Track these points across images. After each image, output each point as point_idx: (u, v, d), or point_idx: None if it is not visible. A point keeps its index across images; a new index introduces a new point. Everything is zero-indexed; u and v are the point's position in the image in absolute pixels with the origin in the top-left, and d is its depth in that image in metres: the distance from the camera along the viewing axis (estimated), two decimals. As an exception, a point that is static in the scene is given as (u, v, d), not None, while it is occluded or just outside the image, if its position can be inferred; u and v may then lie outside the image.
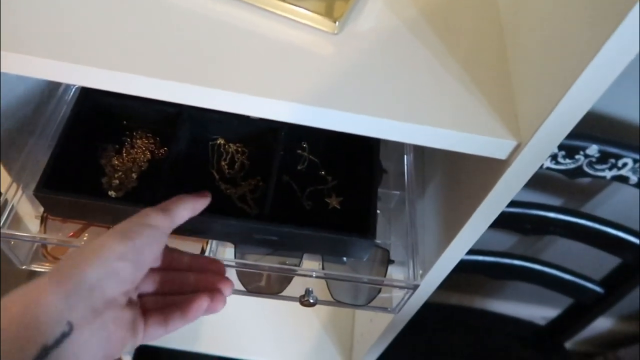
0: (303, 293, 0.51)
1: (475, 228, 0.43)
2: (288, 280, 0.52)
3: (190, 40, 0.36)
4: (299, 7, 0.38)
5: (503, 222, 0.81)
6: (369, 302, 0.52)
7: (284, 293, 0.52)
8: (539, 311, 1.17)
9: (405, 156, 0.57)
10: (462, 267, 0.87)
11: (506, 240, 1.05)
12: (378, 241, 0.52)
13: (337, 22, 0.38)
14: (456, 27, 0.42)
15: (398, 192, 0.55)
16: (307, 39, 0.39)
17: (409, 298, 0.49)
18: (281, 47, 0.38)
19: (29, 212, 0.50)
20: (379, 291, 0.52)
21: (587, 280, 0.88)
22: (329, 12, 0.39)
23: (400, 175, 0.57)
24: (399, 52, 0.39)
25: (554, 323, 1.02)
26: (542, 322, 1.05)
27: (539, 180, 0.92)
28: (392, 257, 0.51)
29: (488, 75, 0.38)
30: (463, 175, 0.46)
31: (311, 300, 0.51)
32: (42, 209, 0.48)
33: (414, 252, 0.50)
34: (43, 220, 0.49)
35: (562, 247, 1.01)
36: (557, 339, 1.00)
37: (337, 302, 0.53)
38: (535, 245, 1.05)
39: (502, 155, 0.36)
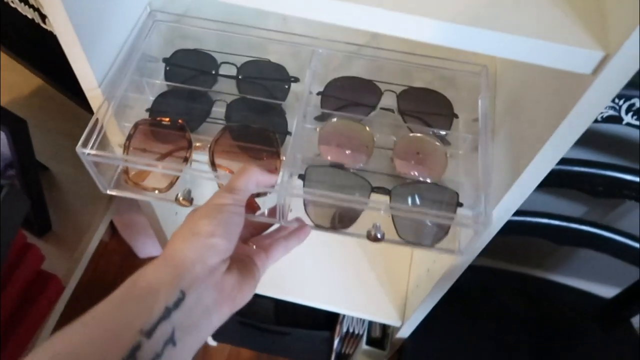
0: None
1: (553, 152, 0.42)
2: (355, 218, 0.52)
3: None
4: None
5: (574, 181, 0.78)
6: (436, 243, 0.52)
7: (350, 230, 0.52)
8: (604, 290, 1.12)
9: (480, 101, 0.55)
10: (530, 230, 0.86)
11: (578, 208, 1.01)
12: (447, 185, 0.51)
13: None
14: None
15: (470, 135, 0.55)
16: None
17: (477, 238, 0.48)
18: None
19: (115, 141, 0.54)
20: (446, 233, 0.51)
21: (660, 250, 0.84)
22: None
23: (470, 122, 0.56)
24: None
25: (620, 297, 0.97)
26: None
27: (617, 143, 0.88)
28: (461, 200, 0.50)
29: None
30: (539, 101, 0.45)
31: (378, 235, 0.50)
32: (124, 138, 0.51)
33: (486, 191, 0.48)
34: (126, 148, 0.51)
35: (635, 217, 0.96)
36: (623, 314, 0.96)
37: (404, 241, 0.52)
38: (608, 215, 1.01)
39: (587, 69, 0.35)
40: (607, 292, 1.02)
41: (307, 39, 0.58)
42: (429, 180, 0.52)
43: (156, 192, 0.52)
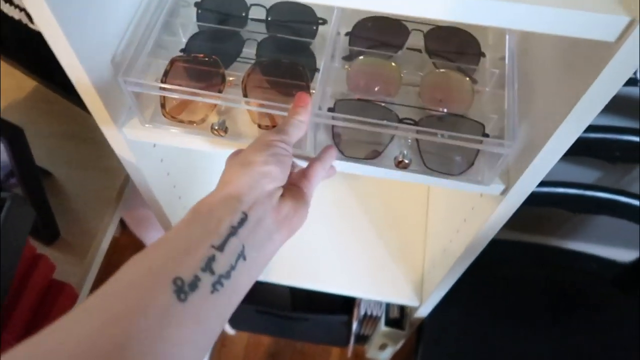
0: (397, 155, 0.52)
1: (574, 125, 0.41)
2: (382, 147, 0.54)
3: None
4: None
5: (590, 149, 0.76)
6: (461, 172, 0.52)
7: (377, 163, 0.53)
8: (620, 254, 1.11)
9: (507, 35, 0.55)
10: (546, 200, 0.84)
11: (589, 175, 0.99)
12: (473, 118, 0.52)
13: None
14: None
15: (497, 71, 0.55)
16: None
17: (504, 162, 0.48)
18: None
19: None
20: (472, 164, 0.52)
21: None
22: None
23: (497, 60, 0.55)
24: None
25: (639, 261, 0.96)
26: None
27: (630, 106, 0.85)
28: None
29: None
30: (564, 70, 0.43)
31: (406, 161, 0.52)
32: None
33: (513, 118, 0.49)
34: (163, 84, 0.52)
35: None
36: (641, 279, 0.95)
37: (431, 170, 0.53)
38: (622, 180, 0.99)
39: (610, 36, 0.33)
40: (624, 256, 1.01)
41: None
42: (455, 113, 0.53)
43: (194, 124, 0.54)
